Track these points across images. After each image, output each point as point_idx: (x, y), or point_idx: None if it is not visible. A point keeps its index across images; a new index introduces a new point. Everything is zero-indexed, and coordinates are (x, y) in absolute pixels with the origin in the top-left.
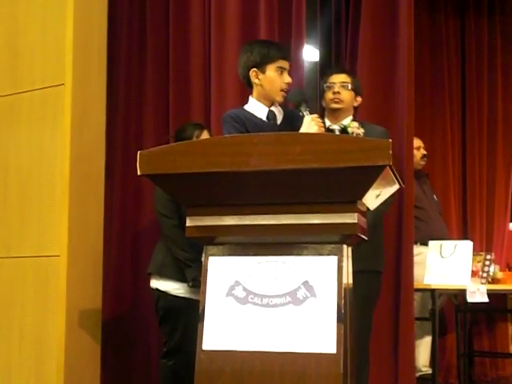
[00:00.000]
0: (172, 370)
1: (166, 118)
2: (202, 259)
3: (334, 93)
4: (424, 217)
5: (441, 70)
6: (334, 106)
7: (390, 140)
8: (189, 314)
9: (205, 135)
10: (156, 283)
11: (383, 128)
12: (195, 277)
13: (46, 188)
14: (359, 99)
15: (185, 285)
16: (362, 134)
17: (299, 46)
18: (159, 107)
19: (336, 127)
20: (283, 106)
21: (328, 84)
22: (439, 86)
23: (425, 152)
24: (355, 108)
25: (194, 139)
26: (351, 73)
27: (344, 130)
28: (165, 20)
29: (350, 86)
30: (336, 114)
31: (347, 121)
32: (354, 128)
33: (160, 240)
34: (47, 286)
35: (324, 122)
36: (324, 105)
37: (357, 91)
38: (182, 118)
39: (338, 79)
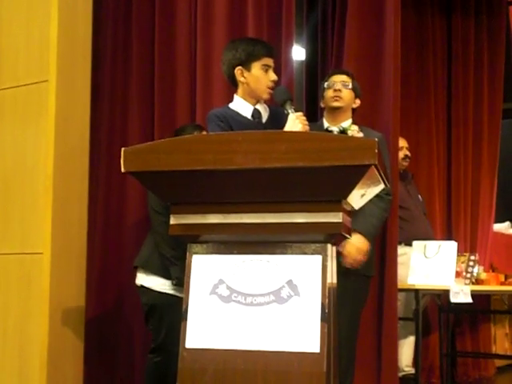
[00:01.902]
0: (157, 367)
1: (151, 117)
2: None
3: (335, 90)
4: (408, 217)
5: (427, 71)
6: (335, 104)
7: (376, 139)
8: (174, 310)
9: None
10: (141, 278)
11: (380, 133)
12: (180, 276)
13: (29, 185)
14: (358, 101)
15: (169, 281)
16: None
17: (288, 45)
18: (144, 105)
19: (335, 129)
20: (269, 104)
21: (329, 83)
22: (425, 87)
23: (408, 153)
24: (353, 110)
25: None
26: (352, 75)
27: (343, 133)
28: (150, 17)
29: (350, 86)
30: (335, 113)
31: (347, 124)
32: (354, 131)
33: (148, 235)
34: (30, 284)
35: (322, 124)
36: (323, 105)
37: (356, 93)
38: (167, 116)
39: (339, 79)
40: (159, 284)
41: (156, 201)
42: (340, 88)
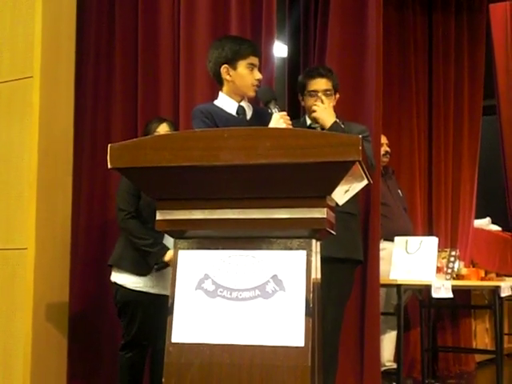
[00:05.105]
0: (130, 363)
1: (135, 112)
2: (164, 241)
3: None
4: (388, 213)
5: (408, 67)
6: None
7: (360, 136)
8: (145, 307)
9: (163, 127)
10: (114, 276)
11: (363, 126)
12: (158, 260)
13: (13, 180)
14: (337, 96)
15: (142, 278)
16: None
17: (269, 42)
18: (128, 101)
19: (317, 125)
20: (253, 103)
21: (311, 92)
22: (406, 83)
23: (388, 149)
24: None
25: (154, 133)
26: (329, 73)
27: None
28: (134, 14)
29: (332, 94)
30: None
31: None
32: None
33: (120, 234)
34: (15, 279)
35: (305, 121)
36: (306, 108)
37: (336, 90)
38: (150, 112)
39: (320, 86)
40: (132, 282)
41: (121, 199)
42: (323, 99)
